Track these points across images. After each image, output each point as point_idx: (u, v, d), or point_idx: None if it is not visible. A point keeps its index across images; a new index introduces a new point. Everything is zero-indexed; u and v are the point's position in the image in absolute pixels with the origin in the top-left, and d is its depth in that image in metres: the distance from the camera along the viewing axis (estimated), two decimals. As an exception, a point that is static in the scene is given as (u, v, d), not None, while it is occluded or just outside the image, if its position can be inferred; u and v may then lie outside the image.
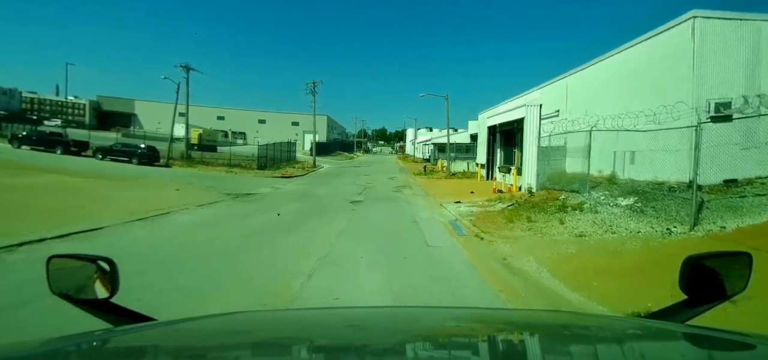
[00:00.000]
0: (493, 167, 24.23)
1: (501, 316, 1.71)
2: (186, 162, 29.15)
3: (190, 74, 30.50)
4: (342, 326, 1.26)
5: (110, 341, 1.03)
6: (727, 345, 1.01)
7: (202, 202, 12.90)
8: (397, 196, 17.60)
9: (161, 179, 18.55)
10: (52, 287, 1.21)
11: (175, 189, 15.18)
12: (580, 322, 1.51)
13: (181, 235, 8.23)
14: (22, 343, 0.97)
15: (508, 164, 22.00)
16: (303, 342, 1.08)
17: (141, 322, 1.20)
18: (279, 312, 2.55)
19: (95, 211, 9.68)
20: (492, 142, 24.20)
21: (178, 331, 1.15)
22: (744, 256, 1.24)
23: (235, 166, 29.65)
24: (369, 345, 1.04)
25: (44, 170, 16.02)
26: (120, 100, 71.90)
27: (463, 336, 1.21)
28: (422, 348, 1.04)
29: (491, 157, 24.18)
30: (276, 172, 28.72)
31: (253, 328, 1.23)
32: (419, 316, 1.49)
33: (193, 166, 27.55)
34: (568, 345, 1.12)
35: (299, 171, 31.19)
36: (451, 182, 24.06)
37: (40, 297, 3.72)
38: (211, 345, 1.04)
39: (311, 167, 34.43)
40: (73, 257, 1.26)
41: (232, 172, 26.25)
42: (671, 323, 1.16)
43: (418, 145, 67.30)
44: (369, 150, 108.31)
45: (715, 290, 1.16)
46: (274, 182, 21.94)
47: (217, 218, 10.49)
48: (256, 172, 27.93)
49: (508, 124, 21.38)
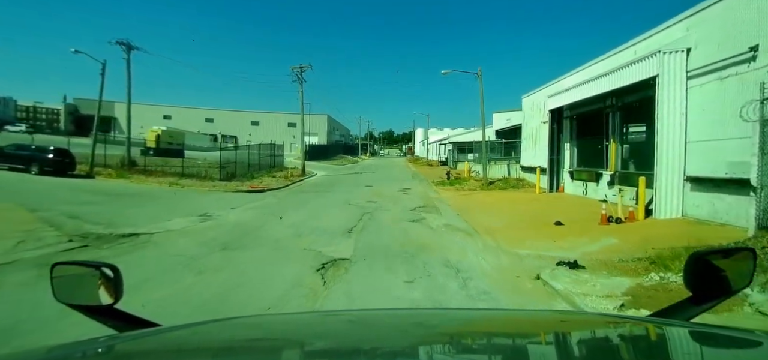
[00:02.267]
0: (559, 171, 15.95)
1: (506, 317, 1.73)
2: (125, 170, 21.44)
3: (135, 57, 22.86)
4: (348, 328, 1.26)
5: (115, 347, 1.03)
6: (734, 342, 1.00)
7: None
8: (420, 236, 9.46)
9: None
10: (56, 294, 1.18)
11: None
12: (585, 321, 1.45)
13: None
14: (27, 351, 1.05)
15: (593, 167, 13.71)
16: (309, 345, 1.07)
17: (146, 328, 1.17)
18: (285, 315, 2.77)
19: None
20: (557, 134, 15.95)
21: (182, 336, 1.14)
22: (748, 251, 1.21)
23: (191, 176, 21.90)
24: (376, 348, 1.02)
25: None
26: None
27: (470, 338, 1.20)
28: (430, 350, 1.04)
29: (556, 156, 15.93)
30: (245, 184, 20.90)
31: (257, 333, 1.22)
32: (426, 319, 1.44)
33: (126, 177, 19.80)
34: (575, 345, 1.10)
35: (280, 181, 23.29)
36: (498, 197, 15.83)
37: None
38: (215, 350, 1.04)
39: (298, 176, 26.50)
40: (76, 264, 1.26)
41: (177, 186, 18.47)
42: (677, 321, 1.13)
43: (432, 146, 58.99)
44: (375, 152, 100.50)
45: (719, 286, 1.13)
46: (226, 202, 14.02)
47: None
48: (216, 184, 20.12)
49: (594, 101, 13.12)
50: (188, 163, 25.26)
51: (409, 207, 13.44)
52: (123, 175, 20.33)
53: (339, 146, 70.68)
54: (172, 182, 19.36)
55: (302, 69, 27.28)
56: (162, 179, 20.16)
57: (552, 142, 15.85)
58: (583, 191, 14.17)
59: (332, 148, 63.71)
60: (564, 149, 15.84)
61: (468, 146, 38.83)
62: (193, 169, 23.05)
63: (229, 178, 22.29)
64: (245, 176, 23.63)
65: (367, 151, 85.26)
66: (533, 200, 14.09)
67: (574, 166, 15.20)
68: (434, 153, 56.74)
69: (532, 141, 19.63)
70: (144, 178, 20.37)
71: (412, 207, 13.41)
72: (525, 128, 20.87)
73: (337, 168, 39.73)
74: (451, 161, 40.54)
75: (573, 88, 14.20)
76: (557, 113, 15.80)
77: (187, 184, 19.51)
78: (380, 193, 17.59)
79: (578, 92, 13.68)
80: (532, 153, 19.56)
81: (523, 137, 21.10)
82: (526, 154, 20.56)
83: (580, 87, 13.61)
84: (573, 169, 15.07)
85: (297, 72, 27.28)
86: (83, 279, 1.19)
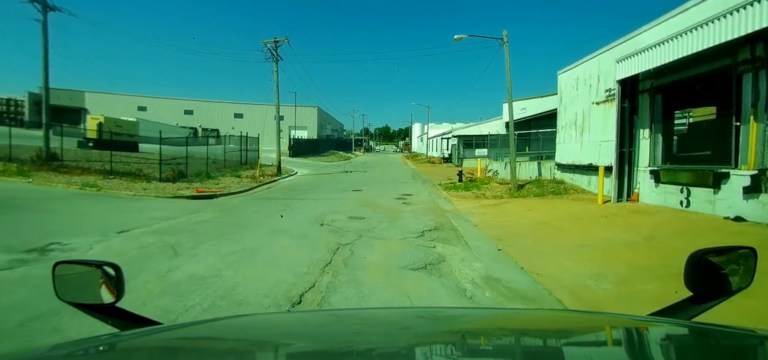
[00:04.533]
0: (631, 171, 10.93)
1: (505, 316, 1.70)
2: (34, 167, 16.15)
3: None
4: (348, 328, 1.24)
5: (117, 345, 1.03)
6: (735, 341, 0.98)
7: None
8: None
9: None
10: (58, 293, 1.19)
11: None
12: (585, 320, 1.42)
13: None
14: (30, 349, 0.98)
15: (704, 164, 8.76)
16: (310, 345, 1.05)
17: (147, 326, 1.18)
18: (286, 315, 2.49)
19: None
20: (628, 117, 10.93)
21: (183, 335, 1.15)
22: (749, 250, 1.18)
23: (125, 174, 16.71)
24: (373, 349, 0.99)
25: None
26: (67, 93, 59.24)
27: (468, 337, 1.14)
28: (428, 350, 1.01)
29: (628, 148, 10.90)
30: (194, 185, 15.80)
31: (258, 332, 1.19)
32: (422, 318, 1.40)
33: (25, 176, 14.56)
34: (575, 344, 1.07)
35: (245, 183, 18.17)
36: (545, 212, 10.76)
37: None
38: (215, 349, 1.02)
39: (271, 176, 21.37)
40: (78, 263, 1.26)
41: (93, 188, 13.45)
42: (678, 320, 1.12)
43: (432, 141, 53.83)
44: (371, 148, 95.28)
45: (720, 286, 1.11)
46: (130, 217, 8.96)
47: None
48: (151, 186, 15.00)
49: (709, 58, 8.17)
50: (133, 159, 20.15)
51: (413, 230, 8.38)
52: (24, 172, 15.07)
53: (331, 142, 65.33)
54: (90, 183, 14.20)
55: (277, 44, 21.98)
56: (79, 178, 14.96)
57: (622, 128, 10.81)
58: (681, 202, 9.17)
59: (323, 143, 58.36)
60: (639, 138, 10.83)
61: (476, 141, 33.75)
62: (128, 166, 17.83)
63: (177, 177, 17.13)
64: (201, 175, 18.48)
65: (362, 147, 79.93)
66: (607, 218, 9.07)
67: (659, 163, 10.19)
68: (435, 149, 51.55)
69: (575, 130, 14.62)
70: (54, 176, 15.15)
71: (418, 230, 8.36)
72: (563, 114, 15.84)
73: (324, 165, 34.55)
74: (455, 158, 35.44)
75: (662, 43, 9.15)
76: (630, 85, 10.77)
77: (109, 187, 14.38)
78: (371, 203, 12.52)
79: (676, 47, 8.62)
80: (574, 146, 14.56)
81: (560, 126, 16.07)
82: (565, 148, 15.54)
83: (678, 39, 8.56)
84: (660, 167, 10.05)
85: (271, 48, 21.98)
86: (85, 278, 1.20)
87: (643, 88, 10.67)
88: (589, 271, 5.43)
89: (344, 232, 8.14)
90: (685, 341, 1.02)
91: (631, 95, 10.83)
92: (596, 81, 13.02)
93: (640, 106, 10.75)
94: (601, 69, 12.77)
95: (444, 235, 7.98)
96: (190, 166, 18.98)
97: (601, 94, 12.70)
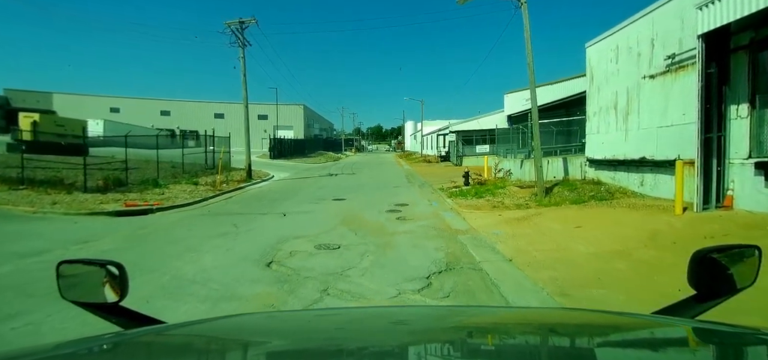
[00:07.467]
0: (722, 166, 7.65)
1: (504, 314, 1.63)
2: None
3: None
4: (340, 327, 1.20)
5: (121, 344, 1.02)
6: (739, 340, 0.96)
7: None
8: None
9: None
10: (62, 292, 1.17)
11: None
12: (588, 318, 1.36)
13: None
14: (34, 347, 0.97)
15: None
16: (313, 343, 1.03)
17: (151, 325, 1.16)
18: (288, 313, 2.50)
19: None
20: (715, 90, 7.65)
21: (186, 333, 1.14)
22: (753, 248, 1.14)
23: (39, 182, 13.11)
24: (365, 347, 0.98)
25: None
26: (34, 94, 54.89)
27: (466, 335, 1.12)
28: (423, 349, 0.98)
29: (718, 133, 7.62)
30: (130, 196, 12.34)
31: (260, 331, 1.17)
32: (418, 316, 1.37)
33: None
34: (577, 342, 1.04)
35: (201, 191, 14.67)
36: (606, 230, 7.38)
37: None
38: (217, 348, 1.02)
39: (239, 182, 17.87)
40: (82, 262, 1.23)
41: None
42: (681, 319, 1.09)
43: (426, 138, 50.48)
44: (363, 148, 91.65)
45: (724, 284, 1.08)
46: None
47: None
48: (73, 197, 11.54)
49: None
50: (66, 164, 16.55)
51: (412, 273, 5.01)
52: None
53: (318, 142, 61.66)
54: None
55: (243, 25, 18.38)
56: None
57: (708, 103, 7.53)
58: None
59: (310, 143, 54.71)
60: (731, 118, 7.58)
61: (476, 136, 30.51)
62: (57, 173, 14.22)
63: (113, 186, 13.59)
64: (147, 183, 14.91)
65: (353, 147, 76.30)
66: (714, 240, 5.79)
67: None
68: (430, 147, 48.17)
69: (614, 115, 11.37)
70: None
71: (420, 273, 4.99)
72: (596, 97, 12.58)
73: (308, 167, 31.03)
74: (453, 156, 32.12)
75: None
76: (721, 41, 7.51)
77: (9, 200, 10.87)
78: (354, 218, 9.11)
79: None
80: (615, 136, 11.30)
81: (592, 112, 12.81)
82: (598, 140, 12.28)
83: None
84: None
85: (235, 29, 18.38)
86: (89, 277, 1.19)
87: (736, 45, 7.43)
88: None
89: (300, 281, 4.78)
90: (689, 340, 1.01)
91: (720, 58, 7.58)
92: (649, 47, 9.78)
93: (734, 70, 7.50)
94: (657, 30, 9.53)
95: (464, 284, 4.64)
96: (136, 173, 15.46)
97: (657, 64, 9.47)
